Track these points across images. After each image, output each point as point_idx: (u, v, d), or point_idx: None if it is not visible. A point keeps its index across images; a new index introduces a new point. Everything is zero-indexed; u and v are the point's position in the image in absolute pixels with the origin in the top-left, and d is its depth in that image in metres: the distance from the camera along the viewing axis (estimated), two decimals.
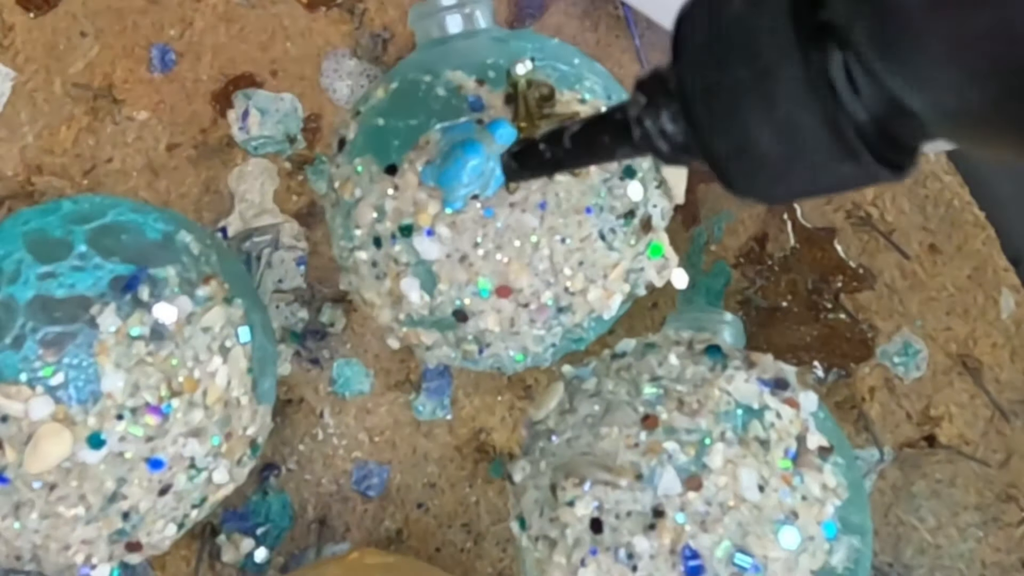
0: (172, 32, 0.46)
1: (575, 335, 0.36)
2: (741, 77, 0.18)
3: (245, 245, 0.45)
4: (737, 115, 0.19)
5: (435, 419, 0.44)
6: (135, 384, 0.33)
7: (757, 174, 0.20)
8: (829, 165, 0.18)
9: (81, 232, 0.34)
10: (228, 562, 0.43)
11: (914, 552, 0.44)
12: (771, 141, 0.19)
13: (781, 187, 0.20)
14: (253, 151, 0.45)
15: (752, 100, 0.19)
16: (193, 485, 0.35)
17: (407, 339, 0.37)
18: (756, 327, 0.45)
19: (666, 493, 0.32)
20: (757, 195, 0.21)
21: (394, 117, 0.35)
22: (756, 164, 0.19)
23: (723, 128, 0.20)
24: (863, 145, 0.18)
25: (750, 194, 0.21)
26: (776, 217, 0.45)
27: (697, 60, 0.20)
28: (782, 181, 0.20)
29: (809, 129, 0.18)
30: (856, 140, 0.18)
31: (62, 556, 0.34)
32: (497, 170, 0.33)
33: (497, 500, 0.44)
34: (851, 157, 0.18)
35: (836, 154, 0.18)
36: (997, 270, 0.45)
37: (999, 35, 0.13)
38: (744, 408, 0.33)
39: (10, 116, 0.45)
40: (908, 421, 0.45)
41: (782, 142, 0.19)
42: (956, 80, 0.15)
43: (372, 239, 0.35)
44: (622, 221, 0.35)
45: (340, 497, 0.44)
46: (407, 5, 0.45)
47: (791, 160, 0.19)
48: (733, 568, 0.31)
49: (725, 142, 0.20)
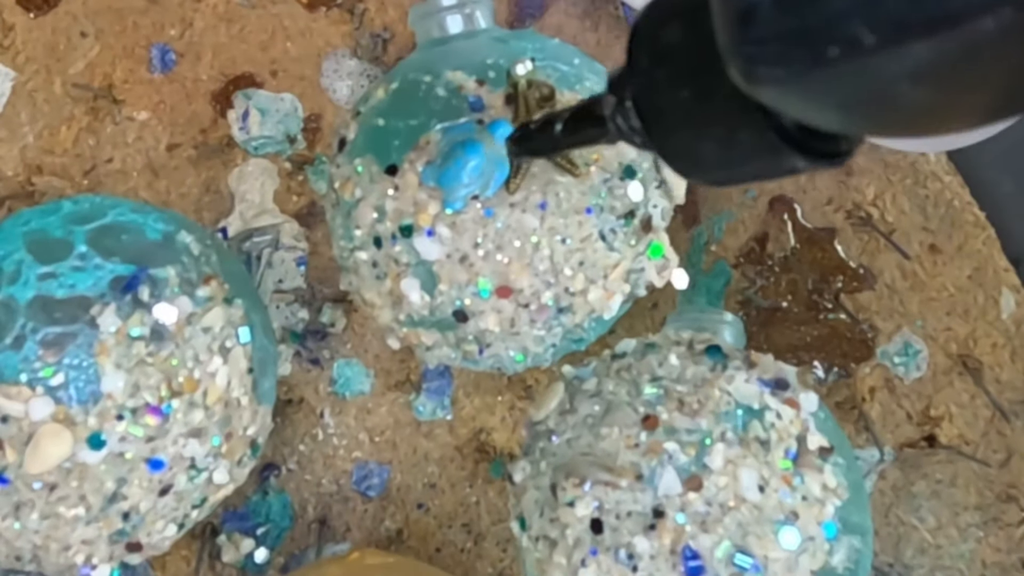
0: (172, 32, 0.45)
1: (575, 335, 0.36)
2: (683, 97, 0.21)
3: (245, 245, 0.45)
4: (682, 127, 0.22)
5: (435, 419, 0.44)
6: (135, 384, 0.33)
7: (704, 168, 0.23)
8: (768, 163, 0.21)
9: (81, 232, 0.34)
10: (228, 562, 0.43)
11: (914, 552, 0.44)
12: (713, 147, 0.21)
13: (726, 177, 0.23)
14: (253, 151, 0.45)
15: (694, 115, 0.21)
16: (193, 485, 0.35)
17: (407, 339, 0.37)
18: (756, 327, 0.45)
19: (666, 493, 0.32)
20: (707, 183, 0.27)
21: (394, 117, 0.35)
22: (704, 162, 0.22)
23: (671, 135, 0.22)
24: (795, 147, 0.20)
25: (700, 183, 0.28)
26: (776, 217, 0.45)
27: (646, 80, 0.22)
28: (727, 173, 0.23)
29: (745, 139, 0.20)
30: (787, 146, 0.20)
31: (62, 556, 0.34)
32: (497, 170, 0.33)
33: (497, 500, 0.44)
34: (786, 159, 0.20)
35: (772, 156, 0.20)
36: (997, 270, 0.45)
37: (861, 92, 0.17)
38: (744, 408, 0.33)
39: (10, 116, 0.45)
40: (908, 421, 0.45)
41: (722, 148, 0.21)
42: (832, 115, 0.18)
43: (372, 239, 0.35)
44: (622, 221, 0.35)
45: (340, 497, 0.44)
46: (407, 5, 0.45)
47: (732, 160, 0.21)
48: (733, 568, 0.31)
49: (673, 144, 0.23)
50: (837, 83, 0.16)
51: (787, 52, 0.17)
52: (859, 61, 0.16)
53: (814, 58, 0.16)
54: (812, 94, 0.17)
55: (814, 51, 0.16)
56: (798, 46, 0.16)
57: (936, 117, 0.17)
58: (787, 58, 0.17)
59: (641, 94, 0.23)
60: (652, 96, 0.22)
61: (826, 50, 0.16)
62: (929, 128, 0.18)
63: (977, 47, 0.14)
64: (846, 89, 0.17)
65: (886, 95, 0.16)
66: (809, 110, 0.18)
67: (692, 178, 0.27)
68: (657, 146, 0.23)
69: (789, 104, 0.18)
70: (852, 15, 0.15)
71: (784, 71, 0.17)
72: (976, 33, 0.14)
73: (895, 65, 0.15)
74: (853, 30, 0.15)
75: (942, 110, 0.17)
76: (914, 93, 0.16)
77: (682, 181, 0.37)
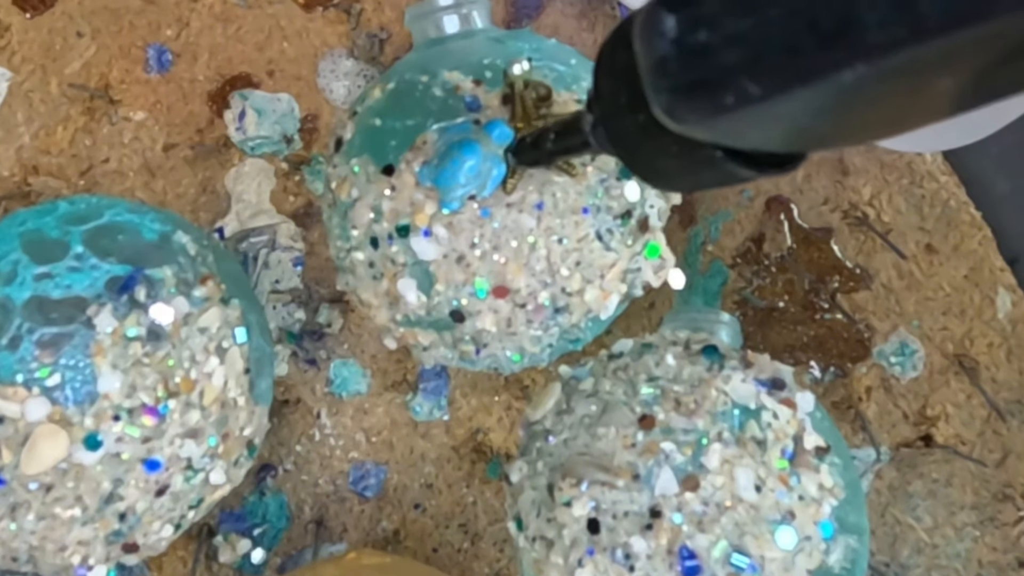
0: (169, 32, 0.45)
1: (572, 335, 0.36)
2: (640, 120, 0.22)
3: (242, 246, 0.44)
4: (643, 146, 0.23)
5: (432, 419, 0.44)
6: (132, 385, 0.33)
7: (669, 179, 0.25)
8: (724, 174, 0.22)
9: (77, 233, 0.34)
10: (225, 563, 0.43)
11: (911, 552, 0.44)
12: (673, 163, 0.23)
13: (691, 185, 0.26)
14: (250, 151, 0.45)
15: (651, 136, 0.22)
16: (190, 486, 0.35)
17: (404, 339, 0.37)
18: (753, 327, 0.45)
19: (663, 493, 0.32)
20: (672, 191, 0.32)
21: (391, 117, 0.35)
22: (668, 176, 0.24)
23: (634, 152, 0.24)
24: (743, 162, 0.21)
25: (667, 191, 0.32)
26: (773, 217, 0.46)
27: (608, 103, 0.24)
28: (691, 183, 0.26)
29: (698, 156, 0.22)
30: (734, 163, 0.21)
31: (58, 557, 0.34)
32: (494, 171, 0.33)
33: (494, 500, 0.44)
34: (738, 171, 0.22)
35: (725, 169, 0.22)
36: (993, 270, 0.45)
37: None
38: (741, 408, 0.33)
39: (6, 116, 0.45)
40: (905, 421, 0.45)
41: (681, 164, 0.23)
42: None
43: (369, 239, 0.35)
44: (619, 221, 0.35)
45: (337, 498, 0.44)
46: (404, 5, 0.45)
47: (692, 173, 0.23)
48: (730, 568, 0.31)
49: (639, 161, 0.24)
50: (743, 123, 0.18)
51: (692, 100, 0.18)
52: (752, 107, 0.17)
53: (715, 106, 0.18)
54: (727, 131, 0.19)
55: (714, 100, 0.18)
56: (700, 95, 0.18)
57: (853, 135, 0.19)
58: (694, 105, 0.19)
59: (604, 116, 0.25)
60: (614, 118, 0.24)
61: (724, 99, 0.18)
62: (855, 141, 0.20)
63: (848, 92, 0.16)
64: (752, 126, 0.18)
65: (791, 127, 0.18)
66: (732, 141, 0.20)
67: (660, 188, 0.31)
68: (626, 161, 0.25)
69: (712, 137, 0.20)
70: (738, 70, 0.17)
71: (694, 115, 0.19)
72: (842, 83, 0.16)
73: (786, 107, 0.17)
74: (741, 82, 0.17)
75: (854, 131, 0.19)
76: (815, 125, 0.18)
77: None
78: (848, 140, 0.20)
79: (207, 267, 0.36)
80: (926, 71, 0.16)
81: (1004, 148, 0.45)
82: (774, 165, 0.22)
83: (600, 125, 0.25)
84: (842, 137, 0.20)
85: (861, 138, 0.20)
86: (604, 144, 0.25)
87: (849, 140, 0.21)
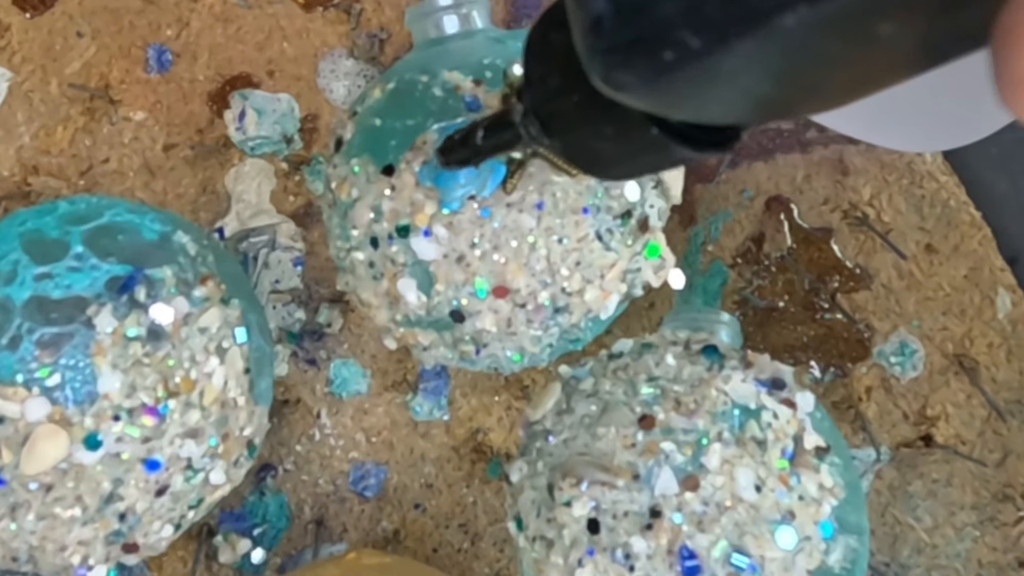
0: (169, 32, 0.45)
1: (572, 335, 0.36)
2: (573, 102, 0.22)
3: (242, 246, 0.44)
4: (577, 129, 0.23)
5: (432, 419, 0.44)
6: (132, 385, 0.33)
7: (604, 166, 0.24)
8: (659, 156, 0.22)
9: (77, 233, 0.34)
10: (225, 563, 0.43)
11: (911, 552, 0.44)
12: (608, 146, 0.22)
13: (627, 171, 0.25)
14: (250, 151, 0.45)
15: (585, 118, 0.22)
16: (190, 486, 0.35)
17: (404, 339, 0.37)
18: (753, 327, 0.45)
19: (663, 493, 0.32)
20: (610, 179, 0.30)
21: (391, 117, 0.35)
22: (601, 160, 0.24)
23: (568, 137, 0.24)
24: (680, 139, 0.21)
25: (604, 179, 0.31)
26: (773, 217, 0.46)
27: (540, 88, 0.24)
28: (626, 168, 0.24)
29: (634, 136, 0.21)
30: (671, 141, 0.21)
31: (58, 557, 0.34)
32: (494, 171, 0.33)
33: (494, 500, 0.44)
34: (674, 151, 0.21)
35: (660, 149, 0.21)
36: (993, 270, 0.45)
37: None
38: (741, 408, 0.33)
39: (6, 116, 0.45)
40: (905, 421, 0.45)
41: (616, 146, 0.22)
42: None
43: (369, 239, 0.35)
44: (619, 221, 0.35)
45: (337, 498, 0.44)
46: (404, 5, 0.45)
47: (627, 156, 0.23)
48: (730, 568, 0.31)
49: (573, 147, 0.24)
50: (686, 84, 0.18)
51: (632, 60, 0.18)
52: (694, 63, 0.17)
53: (654, 64, 0.17)
54: (668, 96, 0.18)
55: (653, 58, 0.17)
56: (639, 53, 0.17)
57: (801, 101, 0.18)
58: (633, 65, 0.18)
59: (537, 101, 0.24)
60: (546, 103, 0.24)
61: (663, 56, 0.17)
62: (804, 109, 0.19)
63: (791, 43, 0.16)
64: (695, 89, 0.18)
65: (732, 90, 0.17)
66: (672, 110, 0.20)
67: (595, 175, 0.30)
68: (559, 148, 0.25)
69: (653, 106, 0.19)
70: (676, 22, 0.17)
71: (634, 78, 0.18)
72: (782, 29, 0.15)
73: (727, 63, 0.16)
74: (680, 35, 0.17)
75: (802, 96, 0.18)
76: (757, 86, 0.17)
77: (678, 181, 0.37)
78: (796, 106, 0.19)
79: (207, 267, 0.36)
80: (870, 17, 0.15)
81: (1004, 148, 0.45)
82: (711, 144, 0.21)
83: (532, 113, 0.25)
84: (789, 103, 0.19)
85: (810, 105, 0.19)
86: (537, 135, 0.25)
87: (797, 106, 0.19)
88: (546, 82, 0.23)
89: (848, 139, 0.45)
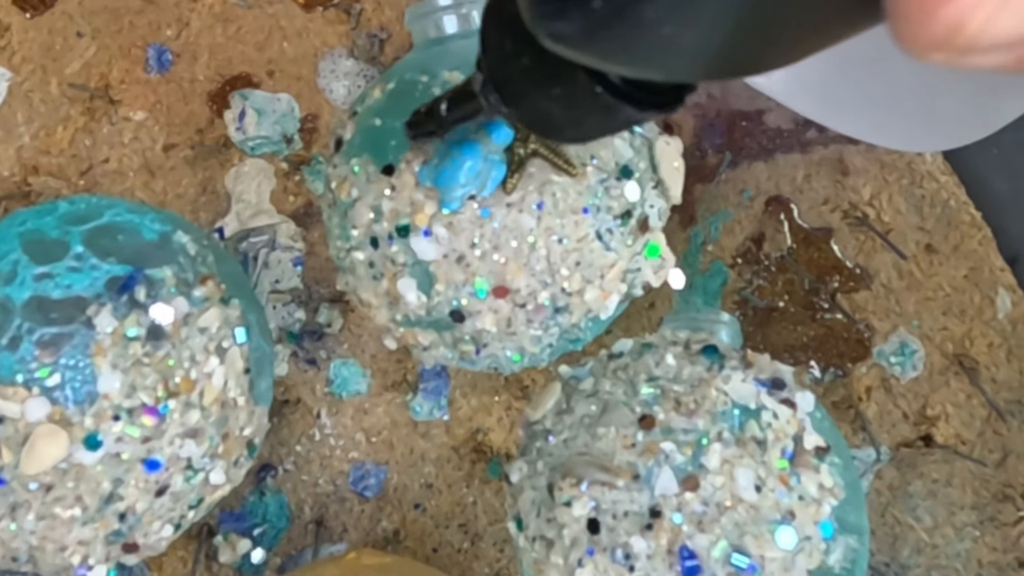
0: (169, 32, 0.45)
1: (572, 335, 0.36)
2: (524, 64, 0.23)
3: (242, 246, 0.44)
4: (529, 93, 0.24)
5: (432, 419, 0.44)
6: (132, 385, 0.33)
7: (558, 129, 0.25)
8: (607, 118, 0.23)
9: (77, 233, 0.34)
10: (225, 563, 0.43)
11: (911, 552, 0.44)
12: (558, 108, 0.23)
13: (579, 134, 0.25)
14: (250, 151, 0.45)
15: (535, 81, 0.23)
16: (190, 486, 0.35)
17: (404, 339, 0.37)
18: (753, 327, 0.45)
19: (663, 493, 0.32)
20: (566, 142, 0.32)
21: (391, 117, 0.35)
22: (554, 124, 0.25)
23: (521, 101, 0.25)
24: (627, 99, 0.21)
25: (560, 142, 0.32)
26: (773, 217, 0.46)
27: (496, 53, 0.24)
28: (577, 131, 0.25)
29: (581, 97, 0.22)
30: (616, 100, 0.21)
31: (58, 557, 0.34)
32: (494, 171, 0.33)
33: (494, 500, 0.44)
34: (620, 112, 0.22)
35: (607, 110, 0.22)
36: (993, 270, 0.45)
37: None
38: (741, 408, 0.33)
39: (6, 116, 0.45)
40: (904, 421, 0.45)
41: (565, 108, 0.23)
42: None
43: (369, 239, 0.35)
44: (619, 221, 0.35)
45: (337, 498, 0.44)
46: (403, 5, 0.45)
47: (578, 119, 0.23)
48: (730, 568, 0.31)
49: (528, 112, 0.25)
50: (619, 35, 0.18)
51: (565, 10, 0.18)
52: (622, 11, 0.17)
53: (585, 13, 0.18)
54: (604, 48, 0.19)
55: (583, 6, 0.18)
56: (571, 2, 0.18)
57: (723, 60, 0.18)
58: (567, 15, 0.18)
59: (493, 68, 0.25)
60: (502, 68, 0.24)
61: (592, 3, 0.17)
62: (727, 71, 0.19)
63: None
64: (627, 39, 0.18)
65: (662, 40, 0.18)
66: (610, 63, 0.20)
67: (550, 139, 0.31)
68: (516, 114, 0.25)
69: (593, 60, 0.20)
70: None
71: (569, 28, 0.18)
72: None
73: (652, 10, 0.17)
74: None
75: (721, 51, 0.18)
76: (685, 36, 0.17)
77: (678, 181, 0.37)
78: (728, 63, 0.19)
79: (207, 267, 0.36)
80: None
81: (1004, 148, 0.45)
82: (653, 104, 0.22)
83: (490, 81, 0.25)
84: (719, 57, 0.18)
85: (738, 62, 0.19)
86: (495, 103, 0.26)
87: (728, 63, 0.19)
88: (501, 48, 0.24)
89: (848, 139, 0.45)
